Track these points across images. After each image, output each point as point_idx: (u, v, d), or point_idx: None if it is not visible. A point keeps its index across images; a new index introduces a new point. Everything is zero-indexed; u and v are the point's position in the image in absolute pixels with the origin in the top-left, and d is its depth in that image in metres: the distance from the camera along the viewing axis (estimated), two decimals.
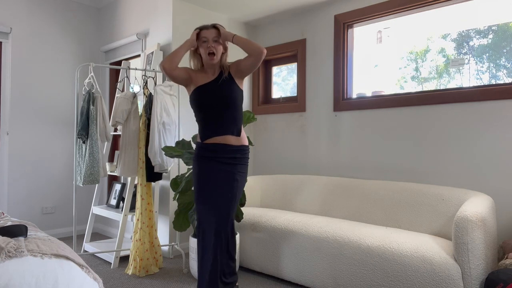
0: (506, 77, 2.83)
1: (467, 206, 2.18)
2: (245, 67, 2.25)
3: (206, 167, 2.24)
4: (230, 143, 2.23)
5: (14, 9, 3.81)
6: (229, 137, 2.23)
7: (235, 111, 2.25)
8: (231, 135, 2.23)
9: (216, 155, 2.23)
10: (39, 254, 1.48)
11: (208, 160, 2.24)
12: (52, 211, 4.03)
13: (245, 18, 4.06)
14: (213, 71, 2.29)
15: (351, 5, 3.46)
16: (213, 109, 2.22)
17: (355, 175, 3.42)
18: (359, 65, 3.60)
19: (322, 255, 2.53)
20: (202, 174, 2.25)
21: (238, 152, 2.25)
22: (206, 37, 2.22)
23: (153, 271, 2.98)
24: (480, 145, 2.76)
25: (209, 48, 2.20)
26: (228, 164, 2.23)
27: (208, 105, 2.22)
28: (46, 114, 4.01)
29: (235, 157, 2.24)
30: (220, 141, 2.22)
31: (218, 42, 2.24)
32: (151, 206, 3.12)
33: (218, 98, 2.21)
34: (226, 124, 2.23)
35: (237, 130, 2.26)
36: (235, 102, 2.24)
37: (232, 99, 2.23)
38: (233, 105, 2.24)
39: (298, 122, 3.87)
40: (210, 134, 2.24)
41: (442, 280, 2.04)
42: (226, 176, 2.22)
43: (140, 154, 3.09)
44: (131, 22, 3.97)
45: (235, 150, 2.24)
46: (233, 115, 2.24)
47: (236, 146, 2.25)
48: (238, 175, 2.25)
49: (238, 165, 2.25)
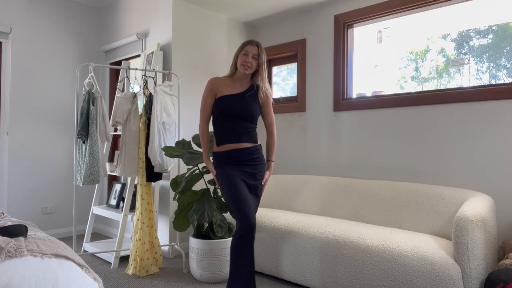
0: (506, 77, 2.83)
1: (467, 206, 2.18)
2: (263, 116, 2.50)
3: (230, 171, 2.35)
4: (244, 147, 2.37)
5: (14, 9, 3.81)
6: (245, 144, 2.38)
7: (253, 124, 2.42)
8: (249, 142, 2.39)
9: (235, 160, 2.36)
10: (39, 254, 1.48)
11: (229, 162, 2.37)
12: (52, 211, 4.03)
13: (245, 18, 4.06)
14: (241, 84, 2.43)
15: (351, 5, 3.46)
16: (235, 119, 2.37)
17: (355, 175, 3.42)
18: (359, 65, 3.60)
19: (322, 255, 2.53)
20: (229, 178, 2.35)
21: (255, 152, 2.40)
22: (247, 51, 2.36)
23: (153, 271, 2.98)
24: (480, 145, 2.76)
25: (246, 62, 2.35)
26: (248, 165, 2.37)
27: (232, 115, 2.36)
28: (46, 114, 4.01)
29: (253, 158, 2.38)
30: (235, 147, 2.36)
31: (255, 59, 2.37)
32: (151, 206, 3.12)
33: (240, 110, 2.36)
34: (243, 134, 2.38)
35: (254, 140, 2.42)
36: (253, 117, 2.41)
37: (251, 113, 2.38)
38: (252, 119, 2.40)
39: (298, 122, 3.87)
40: (226, 140, 2.38)
41: (442, 280, 2.04)
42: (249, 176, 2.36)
43: (140, 154, 3.09)
44: (131, 22, 3.97)
45: (251, 151, 2.38)
46: (249, 127, 2.40)
47: (250, 148, 2.38)
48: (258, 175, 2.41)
49: (257, 165, 2.40)
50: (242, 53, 2.37)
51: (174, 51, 3.50)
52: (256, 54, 2.36)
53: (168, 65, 3.51)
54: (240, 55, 2.38)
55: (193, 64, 3.67)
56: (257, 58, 2.37)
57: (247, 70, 2.37)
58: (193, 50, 3.67)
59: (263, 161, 2.45)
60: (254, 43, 2.38)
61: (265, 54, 2.40)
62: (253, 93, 2.41)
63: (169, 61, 3.50)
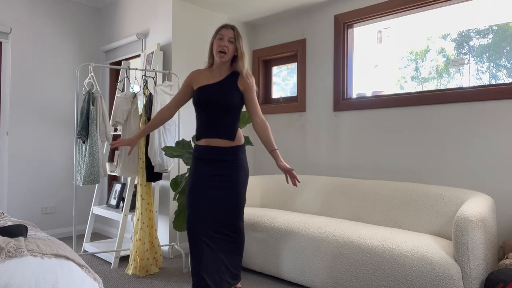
0: (506, 77, 2.83)
1: (467, 206, 2.18)
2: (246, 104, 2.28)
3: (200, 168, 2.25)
4: (220, 145, 2.22)
5: (14, 9, 3.81)
6: (219, 140, 2.22)
7: (231, 116, 2.24)
8: (223, 138, 2.21)
9: (209, 157, 2.23)
10: (39, 254, 1.48)
11: (201, 162, 2.25)
12: (52, 211, 4.03)
13: (245, 18, 4.06)
14: (220, 73, 2.27)
15: (351, 5, 3.46)
16: (210, 111, 2.22)
17: (355, 175, 3.42)
18: (359, 65, 3.60)
19: (322, 255, 2.53)
20: (196, 175, 2.26)
21: (229, 154, 2.23)
22: (222, 35, 2.21)
23: (153, 271, 2.98)
24: (480, 145, 2.76)
25: (221, 46, 2.19)
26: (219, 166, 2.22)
27: (206, 106, 2.22)
28: (46, 114, 4.01)
29: (225, 160, 2.22)
30: (210, 144, 2.22)
31: (232, 43, 2.22)
32: (151, 206, 3.12)
33: (214, 100, 2.20)
34: (219, 127, 2.22)
35: (231, 135, 2.23)
36: (229, 107, 2.22)
37: (226, 102, 2.20)
38: (229, 109, 2.22)
39: (298, 122, 3.87)
40: (203, 135, 2.25)
41: (442, 280, 2.04)
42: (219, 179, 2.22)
43: (140, 154, 3.09)
44: (131, 22, 3.97)
45: (224, 153, 2.22)
46: (227, 120, 2.23)
47: (226, 147, 2.22)
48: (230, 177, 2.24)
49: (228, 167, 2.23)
50: (217, 38, 2.21)
51: (174, 51, 3.50)
52: (232, 37, 2.20)
53: (168, 65, 3.51)
54: (216, 41, 2.22)
55: (193, 64, 3.66)
56: (233, 41, 2.20)
57: (224, 57, 2.19)
58: (193, 50, 3.67)
59: (239, 164, 2.25)
60: (229, 26, 2.23)
61: (242, 39, 2.25)
62: (232, 81, 2.24)
63: (169, 61, 3.50)
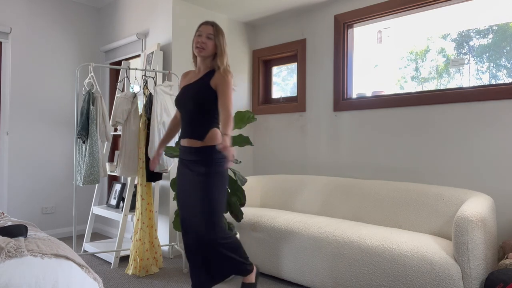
0: (506, 77, 2.83)
1: (467, 206, 2.18)
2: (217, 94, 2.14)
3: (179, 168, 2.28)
4: (189, 145, 2.18)
5: (14, 9, 3.81)
6: (190, 140, 2.17)
7: (202, 115, 2.15)
8: (195, 139, 2.15)
9: (182, 157, 2.24)
10: (39, 254, 1.48)
11: (179, 162, 2.27)
12: (52, 211, 4.03)
13: (245, 18, 4.06)
14: (199, 72, 2.25)
15: (351, 5, 3.46)
16: (184, 110, 2.22)
17: (355, 175, 3.42)
18: (359, 65, 3.60)
19: (322, 255, 2.53)
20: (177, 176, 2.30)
21: (197, 154, 2.15)
22: (201, 31, 2.18)
23: (153, 271, 2.98)
24: (480, 145, 2.76)
25: (198, 42, 2.16)
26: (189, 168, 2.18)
27: (180, 106, 2.25)
28: (46, 114, 4.01)
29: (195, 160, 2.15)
30: (184, 144, 2.22)
31: (211, 39, 2.17)
32: (151, 206, 3.12)
33: (185, 99, 2.20)
34: (191, 126, 2.18)
35: (199, 134, 2.14)
36: (198, 105, 2.14)
37: (195, 100, 2.14)
38: (199, 108, 2.14)
39: (298, 122, 3.87)
40: (181, 135, 2.26)
41: (442, 280, 2.04)
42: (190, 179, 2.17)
43: (140, 154, 3.09)
44: (131, 22, 3.97)
45: (193, 152, 2.16)
46: (199, 119, 2.16)
47: (195, 147, 2.16)
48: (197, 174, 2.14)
49: (196, 167, 2.15)
50: (197, 35, 2.18)
51: (174, 51, 3.50)
52: (211, 33, 2.15)
53: (168, 65, 3.51)
54: (195, 38, 2.18)
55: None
56: (212, 38, 2.15)
57: (201, 52, 2.15)
58: None
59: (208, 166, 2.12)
60: (209, 23, 2.20)
61: (224, 37, 2.19)
62: (206, 78, 2.16)
63: (169, 61, 3.50)
